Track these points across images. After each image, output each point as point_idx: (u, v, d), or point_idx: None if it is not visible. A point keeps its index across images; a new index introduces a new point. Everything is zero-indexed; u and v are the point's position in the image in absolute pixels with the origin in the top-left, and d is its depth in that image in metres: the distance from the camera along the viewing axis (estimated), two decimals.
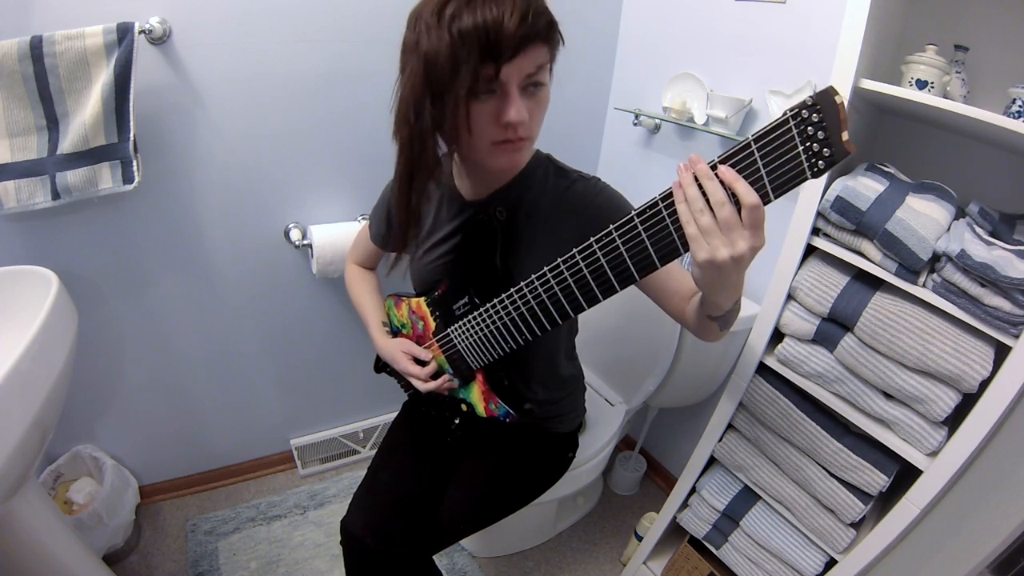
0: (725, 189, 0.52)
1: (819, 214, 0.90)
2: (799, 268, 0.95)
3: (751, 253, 0.53)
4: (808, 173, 0.49)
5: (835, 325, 0.92)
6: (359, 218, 1.41)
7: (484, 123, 0.67)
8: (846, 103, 0.47)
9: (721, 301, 0.63)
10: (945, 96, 0.88)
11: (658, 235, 0.57)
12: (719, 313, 0.67)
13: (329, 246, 1.29)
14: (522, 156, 0.73)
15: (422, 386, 0.91)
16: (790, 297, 0.97)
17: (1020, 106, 0.80)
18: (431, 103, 0.65)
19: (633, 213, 0.58)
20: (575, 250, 0.64)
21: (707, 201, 0.52)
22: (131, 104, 0.99)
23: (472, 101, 0.65)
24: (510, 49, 0.61)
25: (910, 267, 0.81)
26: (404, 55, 0.68)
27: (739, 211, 0.52)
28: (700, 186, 0.53)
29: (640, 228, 0.58)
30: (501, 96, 0.65)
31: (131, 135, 1.01)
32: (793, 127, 0.48)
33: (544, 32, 0.64)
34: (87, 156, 1.00)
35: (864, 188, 0.85)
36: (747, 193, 0.50)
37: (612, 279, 0.63)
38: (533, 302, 0.71)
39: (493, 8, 0.60)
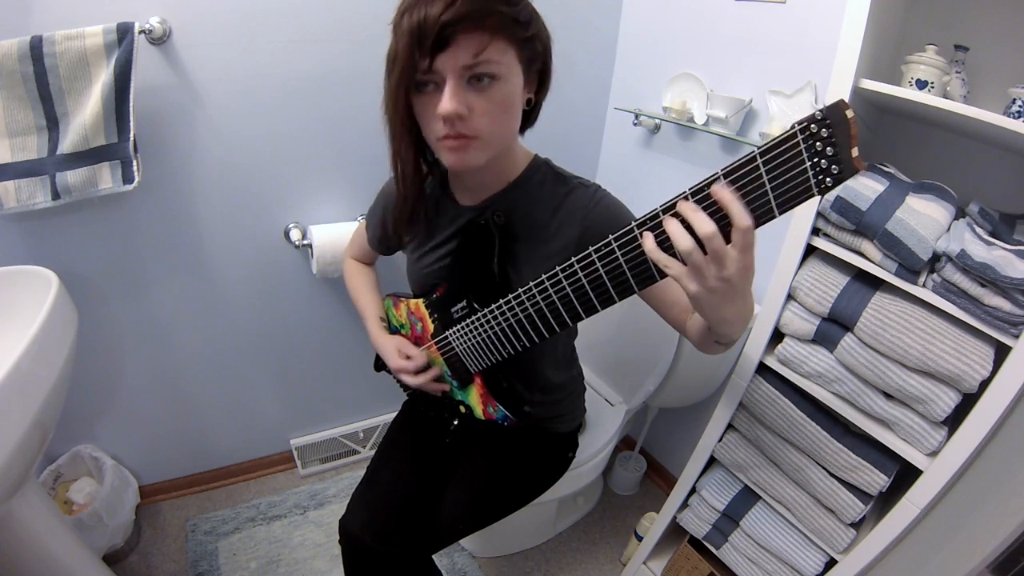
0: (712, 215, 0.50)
1: (819, 214, 0.90)
2: (799, 268, 0.95)
3: (740, 273, 0.51)
4: (815, 190, 0.47)
5: (835, 325, 0.92)
6: (358, 218, 1.41)
7: (425, 117, 0.68)
8: (857, 117, 0.45)
9: (727, 332, 0.62)
10: (945, 96, 0.88)
11: (660, 246, 0.56)
12: (726, 341, 0.66)
13: (329, 246, 1.29)
14: (468, 156, 0.69)
15: (410, 380, 0.91)
16: (790, 297, 0.97)
17: (1020, 106, 0.80)
18: (389, 96, 0.69)
19: (633, 224, 0.56)
20: (573, 259, 0.63)
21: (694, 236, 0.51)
22: (131, 104, 0.99)
23: (415, 94, 0.66)
24: (432, 36, 0.59)
25: (910, 267, 0.81)
26: None
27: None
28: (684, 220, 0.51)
29: (640, 240, 0.56)
30: (441, 89, 0.64)
31: (131, 135, 1.01)
32: (801, 142, 0.46)
33: (475, 17, 0.60)
34: (87, 156, 1.00)
35: (864, 188, 0.85)
36: (740, 217, 0.48)
37: (611, 290, 0.62)
38: (531, 309, 0.71)
39: (429, 4, 0.60)
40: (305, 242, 1.31)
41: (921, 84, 0.87)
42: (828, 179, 0.46)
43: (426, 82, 0.65)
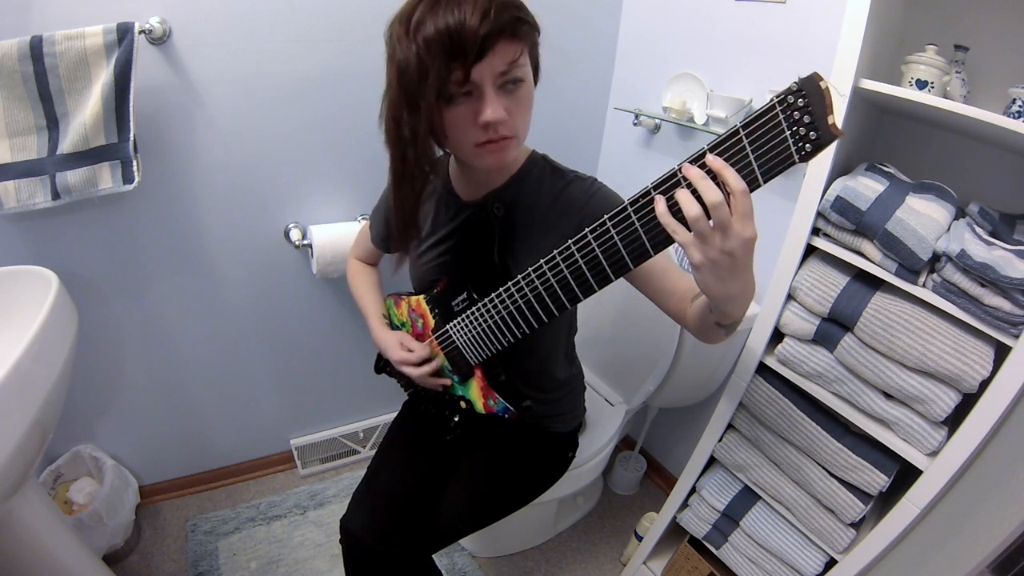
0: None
1: (819, 214, 0.90)
2: (799, 268, 0.95)
3: (743, 245, 0.53)
4: (796, 157, 0.49)
5: (835, 325, 0.92)
6: (359, 218, 1.41)
7: (463, 126, 0.68)
8: (831, 87, 0.48)
9: (730, 310, 0.62)
10: (945, 96, 0.88)
11: (651, 223, 0.58)
12: (728, 321, 0.66)
13: (329, 246, 1.29)
14: (508, 155, 0.72)
15: (413, 372, 0.91)
16: (790, 297, 0.97)
17: (1020, 106, 0.80)
18: (408, 113, 0.66)
19: (626, 202, 0.59)
20: (570, 241, 0.64)
21: (701, 205, 0.52)
22: (131, 104, 0.99)
23: (447, 106, 0.66)
24: (474, 49, 0.61)
25: (910, 267, 0.81)
26: (387, 67, 0.69)
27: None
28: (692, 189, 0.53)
29: (634, 217, 0.59)
30: (477, 97, 0.66)
31: (131, 135, 1.01)
32: (780, 112, 0.49)
33: (510, 27, 0.63)
34: (87, 156, 1.00)
35: (864, 188, 0.85)
36: (735, 181, 0.51)
37: (607, 268, 0.64)
38: (530, 294, 0.72)
39: (454, 11, 0.60)
40: (305, 242, 1.31)
41: (921, 84, 0.87)
42: (808, 145, 0.49)
43: (463, 93, 0.65)
